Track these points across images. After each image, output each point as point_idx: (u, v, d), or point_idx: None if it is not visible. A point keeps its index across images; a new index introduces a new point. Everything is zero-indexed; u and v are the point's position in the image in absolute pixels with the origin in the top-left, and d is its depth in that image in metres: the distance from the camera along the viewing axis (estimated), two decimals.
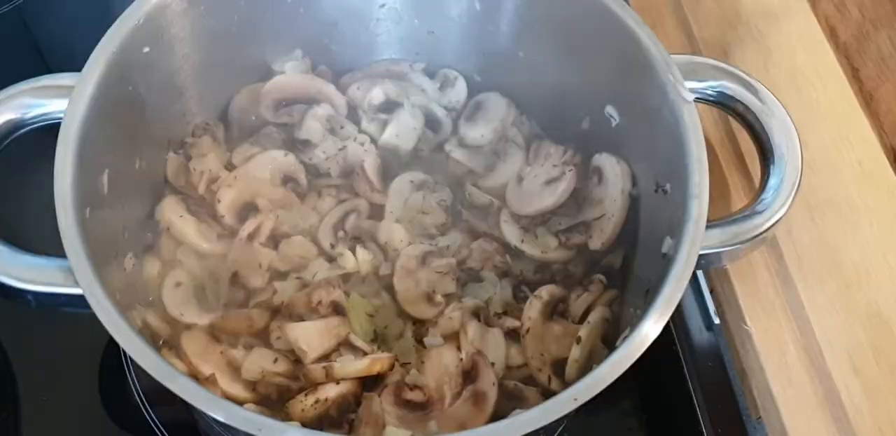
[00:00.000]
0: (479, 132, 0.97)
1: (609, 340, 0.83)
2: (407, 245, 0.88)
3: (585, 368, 0.80)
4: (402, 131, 0.95)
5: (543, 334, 0.84)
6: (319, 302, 0.82)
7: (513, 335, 0.85)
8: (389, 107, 0.97)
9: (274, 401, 0.79)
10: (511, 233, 0.91)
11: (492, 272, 0.89)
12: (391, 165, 0.96)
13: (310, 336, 0.80)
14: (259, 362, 0.80)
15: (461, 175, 0.97)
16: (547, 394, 0.80)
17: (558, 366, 0.82)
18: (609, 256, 0.90)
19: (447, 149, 0.97)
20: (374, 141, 0.96)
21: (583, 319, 0.84)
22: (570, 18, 0.86)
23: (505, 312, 0.86)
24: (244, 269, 0.85)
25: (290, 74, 0.96)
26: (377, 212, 0.93)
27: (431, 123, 0.98)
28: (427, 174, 0.95)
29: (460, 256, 0.89)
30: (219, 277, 0.86)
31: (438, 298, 0.86)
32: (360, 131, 0.96)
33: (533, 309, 0.84)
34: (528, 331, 0.83)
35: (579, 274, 0.90)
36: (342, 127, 0.96)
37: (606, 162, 0.89)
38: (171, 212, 0.87)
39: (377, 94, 0.96)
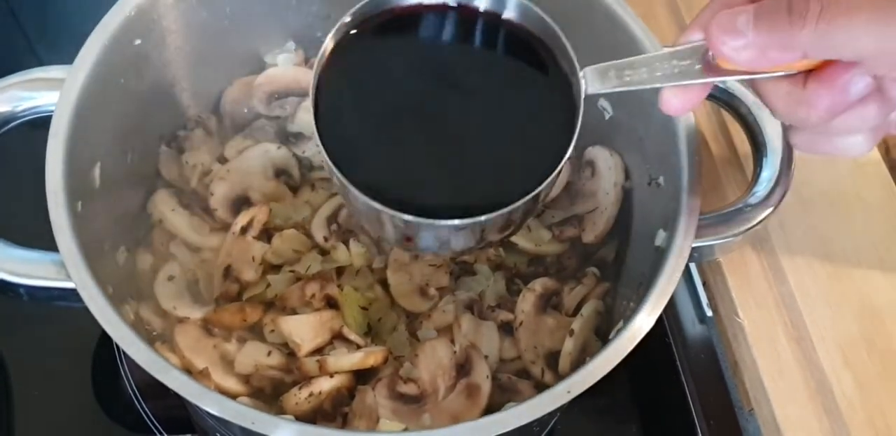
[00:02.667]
0: None
1: (602, 332, 0.83)
2: None
3: (579, 360, 0.80)
4: None
5: (537, 326, 0.84)
6: (313, 295, 0.82)
7: (506, 328, 0.85)
8: None
9: (268, 395, 0.79)
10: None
11: (485, 265, 0.89)
12: None
13: (303, 329, 0.80)
14: (253, 356, 0.79)
15: None
16: (540, 387, 0.80)
17: (551, 359, 0.82)
18: (602, 249, 0.90)
19: None
20: None
21: (576, 312, 0.84)
22: (562, 11, 0.85)
23: (498, 305, 0.86)
24: (237, 262, 0.85)
25: (283, 67, 0.96)
26: None
27: None
28: None
29: None
30: (211, 270, 0.86)
31: (432, 291, 0.86)
32: None
33: (526, 302, 0.84)
34: (521, 324, 0.84)
35: (572, 267, 0.90)
36: None
37: (599, 155, 0.89)
38: (164, 205, 0.87)
39: None
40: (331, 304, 0.83)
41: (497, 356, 0.83)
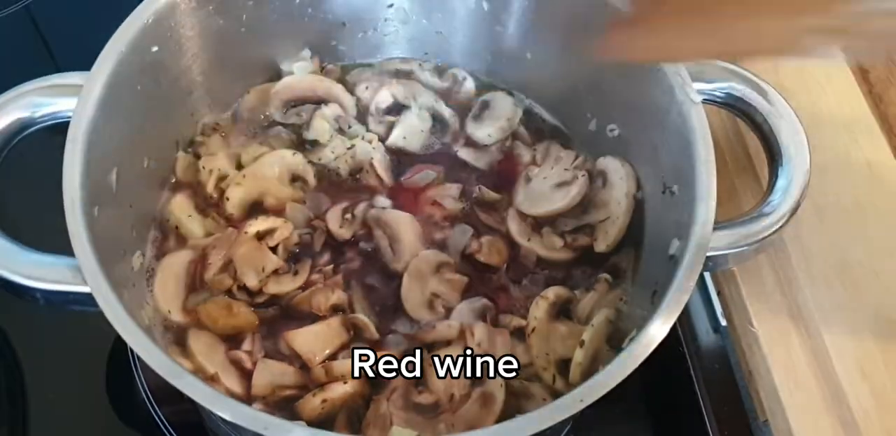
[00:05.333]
0: (485, 132, 0.97)
1: (615, 341, 0.83)
2: (416, 237, 0.88)
3: (589, 370, 0.80)
4: (409, 133, 0.95)
5: (549, 333, 0.84)
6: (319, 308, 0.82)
7: (518, 334, 0.85)
8: (397, 108, 0.97)
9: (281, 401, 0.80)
10: (517, 231, 0.91)
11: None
12: (400, 162, 0.96)
13: (312, 341, 0.80)
14: (267, 377, 0.79)
15: (469, 173, 0.96)
16: (552, 391, 0.80)
17: (563, 366, 0.82)
18: (615, 257, 0.89)
19: (454, 149, 0.97)
20: (382, 140, 0.96)
21: (589, 320, 0.84)
22: (578, 20, 0.86)
23: (511, 311, 0.86)
24: (241, 263, 0.84)
25: (299, 75, 0.96)
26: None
27: (438, 123, 0.98)
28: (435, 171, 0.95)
29: (470, 249, 0.89)
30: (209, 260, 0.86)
31: (440, 308, 0.86)
32: (368, 131, 0.96)
33: (539, 309, 0.84)
34: (533, 330, 0.83)
35: (586, 275, 0.90)
36: (350, 127, 0.96)
37: (611, 165, 0.89)
38: (180, 211, 0.88)
39: (384, 97, 0.96)
40: (337, 311, 0.83)
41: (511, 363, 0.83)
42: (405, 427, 0.75)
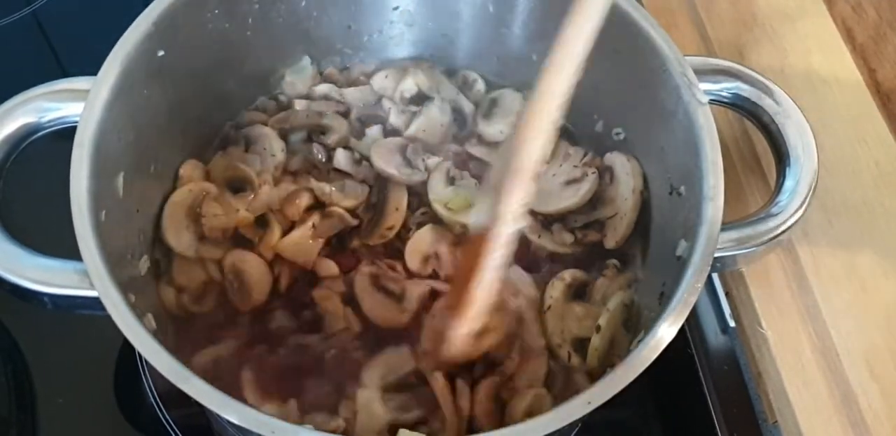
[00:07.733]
0: (496, 128, 0.96)
1: (630, 325, 0.83)
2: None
3: (607, 354, 0.80)
4: (428, 126, 0.95)
5: (564, 313, 0.84)
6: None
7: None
8: (419, 100, 0.96)
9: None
10: (527, 228, 0.90)
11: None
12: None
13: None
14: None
15: (483, 168, 0.96)
16: (567, 370, 0.81)
17: (578, 344, 0.82)
18: (623, 246, 0.89)
19: (466, 147, 0.97)
20: (399, 131, 0.96)
21: (604, 302, 0.84)
22: None
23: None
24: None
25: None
26: None
27: (458, 118, 0.97)
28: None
29: None
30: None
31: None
32: (388, 124, 0.96)
33: (555, 290, 0.84)
34: (549, 308, 0.84)
35: (596, 266, 0.89)
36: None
37: (617, 161, 0.89)
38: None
39: (409, 86, 0.96)
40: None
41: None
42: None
